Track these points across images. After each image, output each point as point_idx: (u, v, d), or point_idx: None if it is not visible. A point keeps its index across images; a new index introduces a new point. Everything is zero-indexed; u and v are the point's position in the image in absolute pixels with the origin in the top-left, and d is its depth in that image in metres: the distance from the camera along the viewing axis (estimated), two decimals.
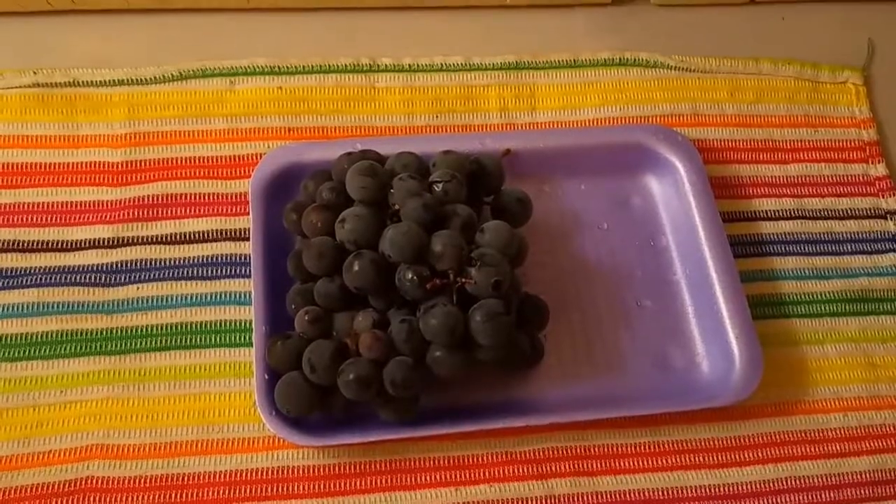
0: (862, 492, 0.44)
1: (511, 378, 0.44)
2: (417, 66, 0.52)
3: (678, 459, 0.43)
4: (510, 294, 0.41)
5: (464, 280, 0.40)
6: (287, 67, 0.51)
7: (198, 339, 0.44)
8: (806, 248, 0.49)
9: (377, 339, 0.40)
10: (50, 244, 0.46)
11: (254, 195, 0.46)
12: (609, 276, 0.47)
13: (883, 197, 0.51)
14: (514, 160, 0.48)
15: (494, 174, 0.45)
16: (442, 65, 0.52)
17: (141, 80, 0.50)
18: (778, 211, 0.50)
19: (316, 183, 0.44)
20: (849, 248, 0.50)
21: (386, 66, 0.52)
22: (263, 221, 0.45)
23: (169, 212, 0.47)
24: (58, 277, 0.45)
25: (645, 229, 0.49)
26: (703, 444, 0.44)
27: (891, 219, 0.51)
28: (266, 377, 0.41)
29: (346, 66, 0.52)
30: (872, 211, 0.51)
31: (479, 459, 0.43)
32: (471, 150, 0.46)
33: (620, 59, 0.53)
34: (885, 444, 0.45)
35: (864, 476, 0.44)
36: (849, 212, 0.50)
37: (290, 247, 0.45)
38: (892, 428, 0.45)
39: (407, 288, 0.40)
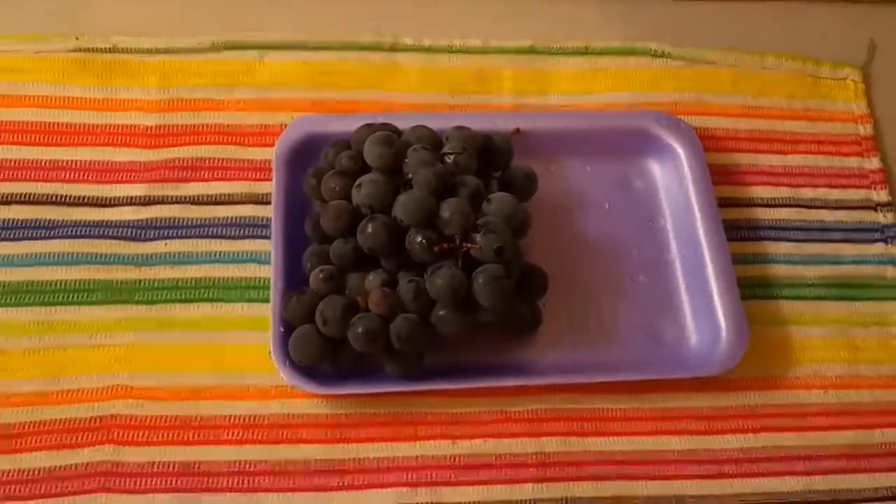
0: (837, 464, 0.46)
1: (511, 342, 0.47)
2: (437, 46, 0.55)
3: (662, 425, 0.46)
4: (512, 261, 0.43)
5: (469, 245, 0.42)
6: (314, 43, 0.54)
7: (219, 294, 0.47)
8: (798, 235, 0.52)
9: (385, 297, 0.42)
10: (87, 199, 0.49)
11: (277, 161, 0.48)
12: (608, 252, 0.50)
13: (875, 189, 0.53)
14: (523, 140, 0.50)
15: (504, 150, 0.48)
16: (460, 47, 0.55)
17: (176, 49, 0.53)
18: (774, 199, 0.53)
19: (336, 151, 0.47)
20: (839, 236, 0.52)
21: (407, 45, 0.54)
22: (285, 186, 0.48)
23: (197, 174, 0.50)
24: (93, 230, 0.48)
25: (645, 210, 0.51)
26: (687, 412, 0.46)
27: (880, 210, 0.53)
28: (282, 329, 0.44)
29: (369, 43, 0.54)
30: (864, 202, 0.53)
31: (477, 416, 0.45)
32: (483, 129, 0.49)
33: (631, 48, 0.56)
34: (861, 420, 0.47)
35: (839, 449, 0.46)
36: (842, 202, 0.53)
37: (308, 211, 0.47)
38: (869, 406, 0.48)
39: (416, 250, 0.42)
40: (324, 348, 0.43)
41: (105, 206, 0.49)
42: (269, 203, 0.48)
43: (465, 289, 0.42)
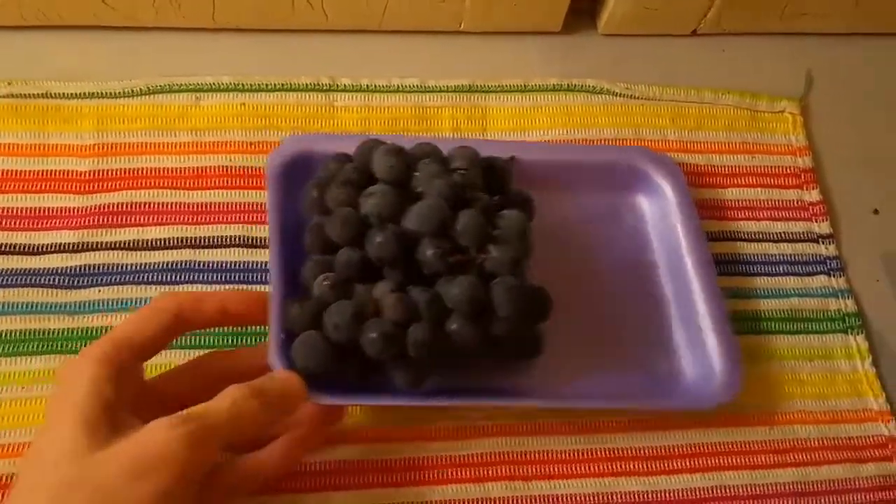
0: (785, 502, 0.45)
1: (510, 367, 0.46)
2: (375, 86, 0.54)
3: (609, 466, 0.45)
4: (525, 277, 0.43)
5: (484, 256, 0.42)
6: (250, 85, 0.53)
7: None
8: (740, 269, 0.52)
9: (401, 301, 0.41)
10: (17, 247, 0.47)
11: (271, 175, 0.47)
12: (598, 284, 0.50)
13: (816, 221, 0.54)
14: (517, 168, 0.49)
15: (503, 173, 0.47)
16: (398, 86, 0.55)
17: (110, 93, 0.52)
18: (715, 233, 0.52)
19: (338, 164, 0.46)
20: (782, 269, 0.52)
21: (345, 85, 0.54)
22: (278, 201, 0.46)
23: (132, 219, 0.49)
24: (23, 279, 0.47)
25: (634, 243, 0.51)
26: (633, 452, 0.46)
27: (822, 242, 0.53)
28: (282, 336, 0.42)
29: (306, 84, 0.54)
30: (805, 235, 0.53)
31: (417, 462, 0.44)
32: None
33: (568, 85, 0.56)
34: (808, 457, 0.47)
35: (786, 487, 0.46)
36: (783, 235, 0.53)
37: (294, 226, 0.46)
38: (815, 442, 0.47)
39: (429, 260, 0.41)
40: (330, 355, 0.41)
41: (36, 253, 0.47)
42: (206, 247, 0.48)
43: (483, 298, 0.41)
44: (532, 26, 0.58)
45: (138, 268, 0.48)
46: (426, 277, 0.42)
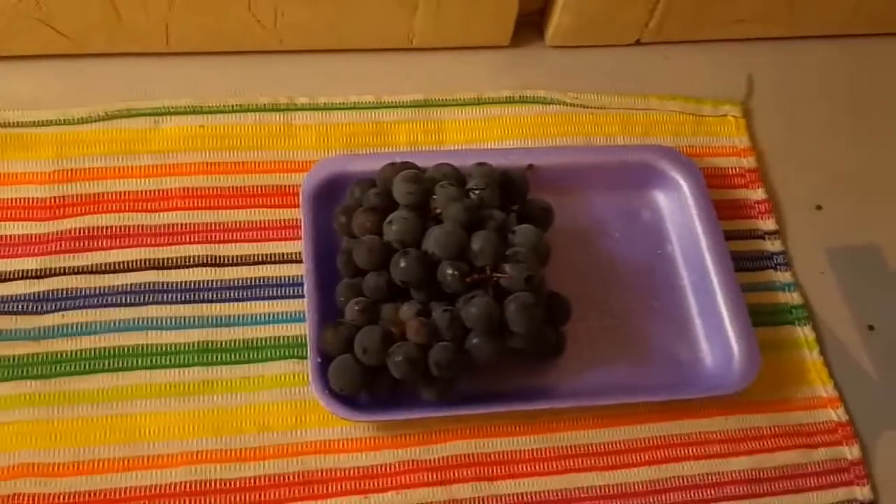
0: (740, 489, 0.47)
1: (535, 368, 0.48)
2: (332, 104, 0.56)
3: (571, 463, 0.47)
4: (540, 289, 0.45)
5: (499, 275, 0.44)
6: (209, 107, 0.54)
7: (120, 363, 0.46)
8: None
9: (423, 325, 0.44)
10: None
11: (304, 198, 0.50)
12: (621, 279, 0.52)
13: (761, 219, 0.56)
14: (535, 174, 0.52)
15: (520, 185, 0.50)
16: (354, 103, 0.56)
17: (69, 120, 0.53)
18: None
19: (362, 189, 0.49)
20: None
21: (302, 104, 0.55)
22: (313, 222, 0.49)
23: (95, 243, 0.50)
24: None
25: (653, 239, 0.53)
26: (593, 448, 0.47)
27: (768, 239, 0.55)
28: (319, 360, 0.45)
29: (264, 105, 0.55)
30: (752, 232, 0.55)
31: (386, 469, 0.45)
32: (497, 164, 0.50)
33: (520, 96, 0.57)
34: (762, 444, 0.48)
35: (742, 474, 0.47)
36: (730, 233, 0.54)
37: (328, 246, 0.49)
38: (768, 430, 0.49)
39: (448, 281, 0.44)
40: (364, 377, 0.44)
41: None
42: (170, 268, 0.49)
43: (499, 316, 0.43)
44: (482, 40, 0.59)
45: (103, 291, 0.48)
46: (449, 294, 0.45)
